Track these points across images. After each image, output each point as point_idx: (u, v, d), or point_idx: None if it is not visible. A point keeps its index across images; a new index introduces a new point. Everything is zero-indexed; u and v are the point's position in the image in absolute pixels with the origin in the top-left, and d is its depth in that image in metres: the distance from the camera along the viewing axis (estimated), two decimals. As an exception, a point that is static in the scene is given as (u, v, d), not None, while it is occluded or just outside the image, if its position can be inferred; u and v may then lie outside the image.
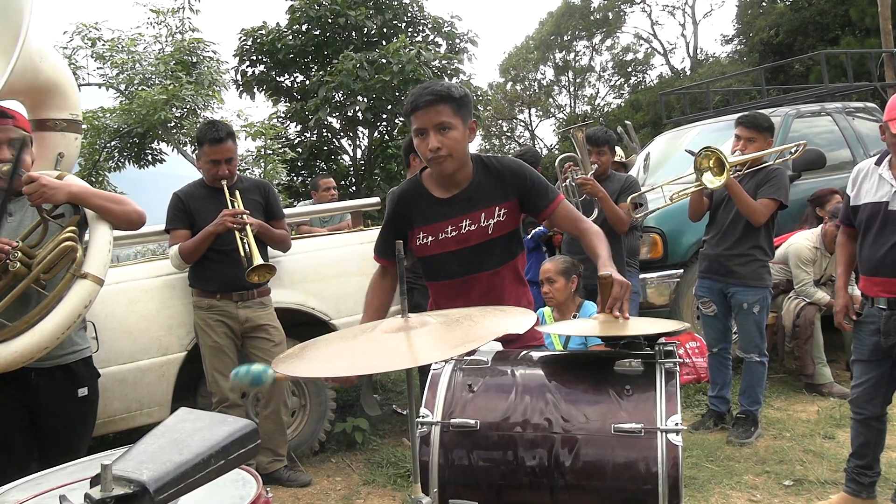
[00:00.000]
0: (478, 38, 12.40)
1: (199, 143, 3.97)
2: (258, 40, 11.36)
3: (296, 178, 11.68)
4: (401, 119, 10.97)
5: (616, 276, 2.01)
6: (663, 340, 1.94)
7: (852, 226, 3.23)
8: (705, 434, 4.32)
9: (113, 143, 10.96)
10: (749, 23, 22.81)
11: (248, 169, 10.67)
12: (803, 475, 3.67)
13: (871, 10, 15.33)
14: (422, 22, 12.13)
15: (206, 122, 5.21)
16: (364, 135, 11.76)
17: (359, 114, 10.35)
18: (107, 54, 10.79)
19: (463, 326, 1.59)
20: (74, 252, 2.53)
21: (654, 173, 6.78)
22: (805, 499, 3.44)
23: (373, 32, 11.36)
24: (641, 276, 5.18)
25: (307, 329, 4.42)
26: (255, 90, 11.86)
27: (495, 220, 2.42)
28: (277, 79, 11.94)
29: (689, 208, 4.35)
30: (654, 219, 5.37)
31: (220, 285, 3.88)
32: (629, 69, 31.97)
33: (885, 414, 3.19)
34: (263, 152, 10.44)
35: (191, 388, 4.20)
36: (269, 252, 4.06)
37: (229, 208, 3.79)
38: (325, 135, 11.74)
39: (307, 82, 11.43)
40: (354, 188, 11.51)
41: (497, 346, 2.04)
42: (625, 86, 32.08)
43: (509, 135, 33.64)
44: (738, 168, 4.13)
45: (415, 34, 11.97)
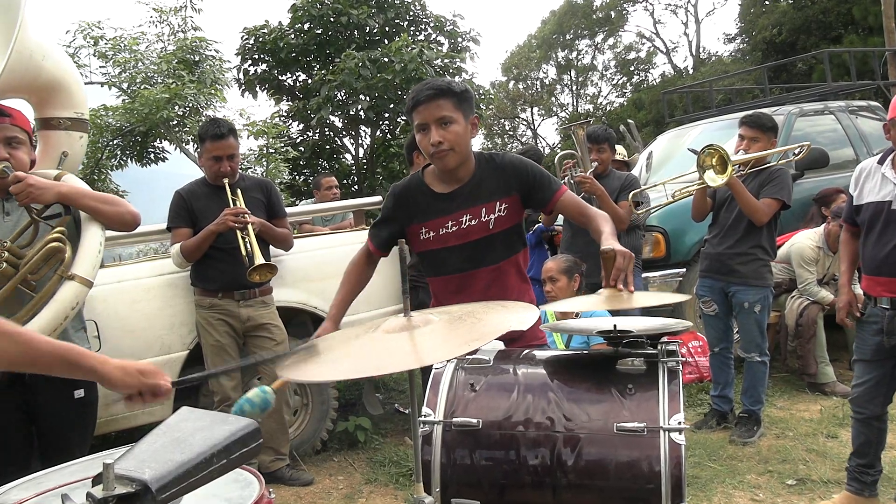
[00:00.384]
0: (480, 37, 12.39)
1: (200, 140, 3.97)
2: (260, 39, 11.36)
3: (298, 177, 11.67)
4: (403, 118, 10.96)
5: (618, 247, 2.00)
6: (665, 339, 1.94)
7: (856, 224, 3.23)
8: (708, 433, 4.32)
9: (115, 142, 10.95)
10: (752, 21, 22.77)
11: (251, 168, 10.66)
12: (806, 474, 3.66)
13: (875, 9, 15.31)
14: (424, 21, 12.12)
15: (208, 119, 5.21)
16: (366, 134, 11.75)
17: (361, 113, 10.34)
18: (109, 53, 10.79)
19: (466, 324, 1.59)
20: (62, 253, 2.49)
21: (656, 172, 6.77)
22: (808, 498, 3.43)
23: (375, 31, 11.35)
24: (644, 275, 5.17)
25: (308, 328, 4.43)
26: (258, 89, 11.85)
27: (496, 216, 2.42)
28: (280, 77, 11.93)
29: (692, 208, 4.35)
30: (656, 218, 5.36)
31: (222, 284, 3.87)
32: (631, 68, 31.96)
33: (886, 413, 3.19)
34: (265, 151, 10.43)
35: (193, 387, 4.20)
36: (272, 251, 4.06)
37: (231, 207, 3.79)
38: (328, 134, 11.74)
39: (309, 81, 11.42)
40: (356, 187, 11.51)
41: (499, 345, 2.03)
42: (627, 84, 32.07)
43: (511, 133, 33.64)
44: (741, 168, 4.13)
45: (417, 33, 11.96)
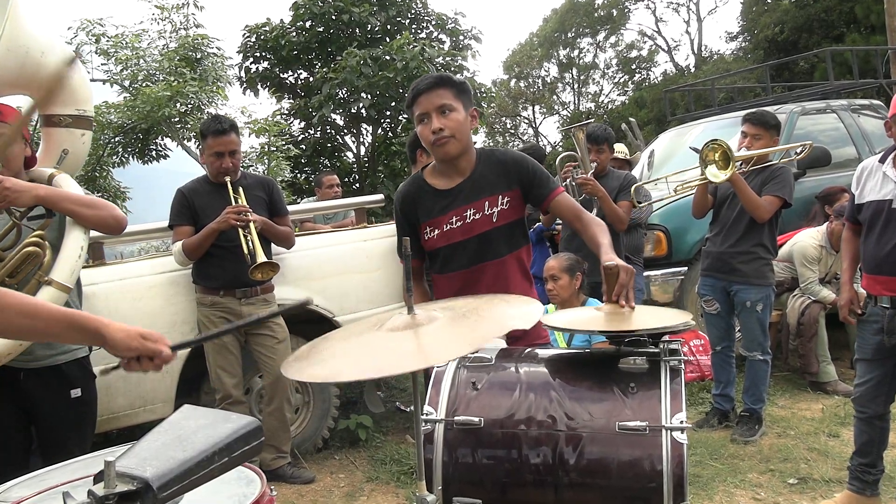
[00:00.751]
0: (482, 35, 12.38)
1: (202, 136, 3.97)
2: (262, 37, 11.35)
3: (299, 175, 11.67)
4: (404, 116, 10.95)
5: (621, 263, 2.01)
6: (667, 338, 1.93)
7: (858, 223, 3.22)
8: (709, 432, 4.31)
9: (117, 139, 10.95)
10: (754, 20, 22.76)
11: (252, 166, 10.65)
12: (808, 473, 3.66)
13: (877, 8, 15.28)
14: (426, 18, 12.11)
15: (210, 116, 5.21)
16: (368, 132, 11.74)
17: (362, 110, 10.35)
18: (111, 50, 10.80)
19: (470, 321, 1.58)
20: (39, 257, 2.47)
21: (658, 171, 6.76)
22: (809, 497, 3.43)
23: (376, 29, 11.35)
24: (645, 274, 5.17)
25: (311, 326, 4.43)
26: (259, 87, 11.85)
27: (499, 209, 2.43)
28: (281, 75, 11.92)
29: (692, 204, 4.34)
30: (658, 216, 5.36)
31: (224, 282, 3.87)
32: (633, 66, 31.94)
33: (889, 412, 3.18)
34: (267, 149, 10.43)
35: (194, 384, 4.21)
36: (273, 249, 4.06)
37: (233, 205, 3.79)
38: (329, 132, 11.73)
39: (311, 79, 11.42)
40: (358, 185, 11.50)
41: (501, 344, 2.03)
42: (629, 83, 32.05)
43: (513, 132, 33.63)
44: (743, 165, 4.12)
45: (418, 31, 11.95)
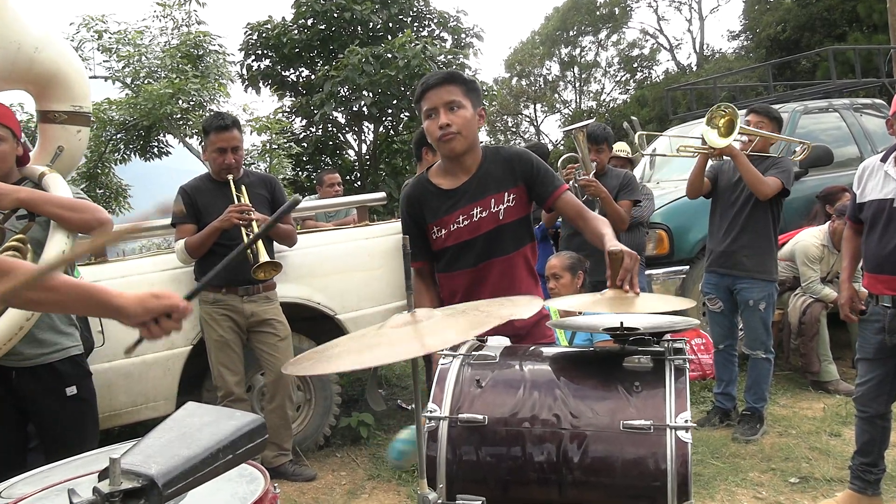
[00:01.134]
0: (483, 33, 12.41)
1: (205, 133, 3.96)
2: (264, 35, 11.37)
3: (301, 173, 11.67)
4: (406, 114, 10.96)
5: (625, 248, 2.01)
6: (670, 337, 1.93)
7: (859, 222, 3.22)
8: (711, 431, 4.31)
9: (118, 136, 10.96)
10: (756, 18, 22.74)
11: (254, 163, 10.66)
12: (809, 472, 3.66)
13: (879, 7, 15.28)
14: (427, 17, 12.12)
15: (212, 113, 5.21)
16: (369, 129, 11.76)
17: (364, 108, 10.36)
18: (113, 47, 10.80)
19: (469, 315, 1.59)
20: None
21: (659, 169, 6.76)
22: (811, 496, 3.43)
23: (378, 27, 11.35)
24: (647, 273, 5.17)
25: (313, 323, 4.43)
26: (261, 84, 11.87)
27: (505, 206, 2.42)
28: (283, 73, 11.94)
29: (688, 182, 4.31)
30: (660, 215, 5.35)
31: (226, 280, 3.87)
32: (635, 65, 31.90)
33: (890, 412, 3.18)
34: (269, 147, 10.44)
35: (196, 382, 4.21)
36: (275, 247, 4.06)
37: (235, 204, 3.79)
38: (331, 129, 11.75)
39: (312, 77, 11.44)
40: (359, 183, 11.51)
41: (505, 342, 2.03)
42: (630, 81, 32.02)
43: (514, 130, 33.61)
44: (744, 147, 4.13)
45: (420, 29, 11.96)
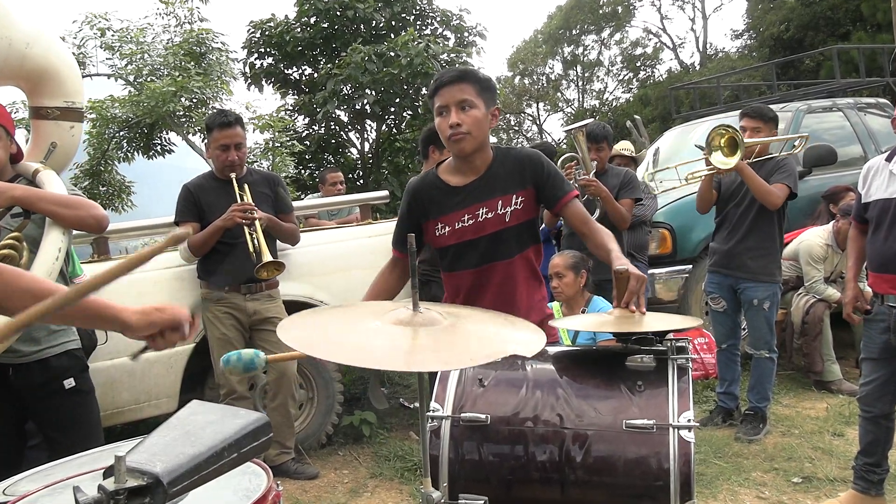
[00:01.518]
0: (486, 32, 12.38)
1: (208, 130, 3.97)
2: (266, 33, 11.36)
3: (303, 171, 11.68)
4: (409, 112, 10.96)
5: (632, 269, 2.00)
6: (673, 336, 1.93)
7: (864, 222, 3.21)
8: (713, 430, 4.31)
9: (121, 134, 10.97)
10: (759, 17, 22.69)
11: (256, 161, 10.67)
12: (812, 472, 3.65)
13: (884, 6, 15.23)
14: (430, 15, 12.11)
15: (215, 110, 5.21)
16: (372, 128, 11.75)
17: (367, 107, 10.34)
18: (116, 45, 10.80)
19: (470, 336, 1.55)
20: (14, 260, 2.43)
21: (664, 166, 6.75)
22: (814, 496, 3.43)
23: (381, 25, 11.34)
24: (650, 272, 5.16)
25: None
26: (264, 82, 11.86)
27: (512, 208, 2.41)
28: (286, 71, 11.93)
29: (697, 198, 4.33)
30: (663, 214, 5.35)
31: (229, 278, 3.87)
32: (638, 64, 31.84)
33: (894, 412, 3.17)
34: (271, 145, 10.44)
35: (198, 380, 4.21)
36: (278, 245, 4.06)
37: (238, 202, 3.79)
38: (333, 128, 11.74)
39: (315, 75, 11.43)
40: (362, 181, 11.51)
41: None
42: (633, 80, 31.96)
43: (517, 129, 33.59)
44: (746, 157, 4.12)
45: (423, 27, 11.94)
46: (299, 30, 11.28)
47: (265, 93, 12.03)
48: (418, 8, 11.93)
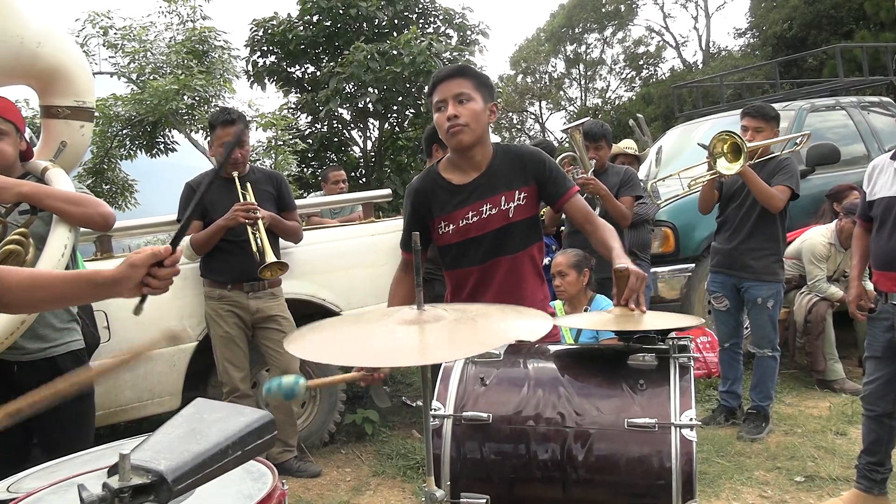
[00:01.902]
0: (489, 30, 12.38)
1: (211, 128, 3.98)
2: (269, 31, 11.36)
3: (306, 170, 11.68)
4: (412, 111, 10.96)
5: (632, 268, 2.00)
6: (675, 335, 1.93)
7: (869, 220, 3.21)
8: (716, 429, 4.31)
9: (124, 132, 10.98)
10: (762, 16, 22.65)
11: (259, 160, 10.68)
12: (815, 471, 3.65)
13: (887, 4, 15.21)
14: (433, 13, 12.10)
15: (218, 108, 5.21)
16: (374, 126, 11.75)
17: (369, 105, 10.34)
18: (118, 43, 10.82)
19: (476, 325, 1.57)
20: (21, 255, 2.43)
21: (665, 167, 6.75)
22: (816, 495, 3.42)
23: (384, 23, 11.34)
24: (652, 270, 5.16)
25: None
26: (266, 81, 11.86)
27: (516, 204, 2.41)
28: (288, 69, 11.93)
29: (699, 199, 4.33)
30: (665, 212, 5.35)
31: (232, 276, 3.88)
32: (641, 62, 31.80)
33: (898, 411, 3.18)
34: (274, 143, 10.45)
35: (201, 378, 4.22)
36: (281, 243, 4.07)
37: (241, 201, 3.79)
38: (336, 126, 11.74)
39: (318, 73, 11.43)
40: (364, 179, 11.51)
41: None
42: (636, 79, 31.93)
43: (519, 127, 33.56)
44: (748, 158, 4.11)
45: (426, 25, 11.93)
46: (302, 28, 11.28)
47: (268, 91, 12.05)
48: (421, 6, 11.92)
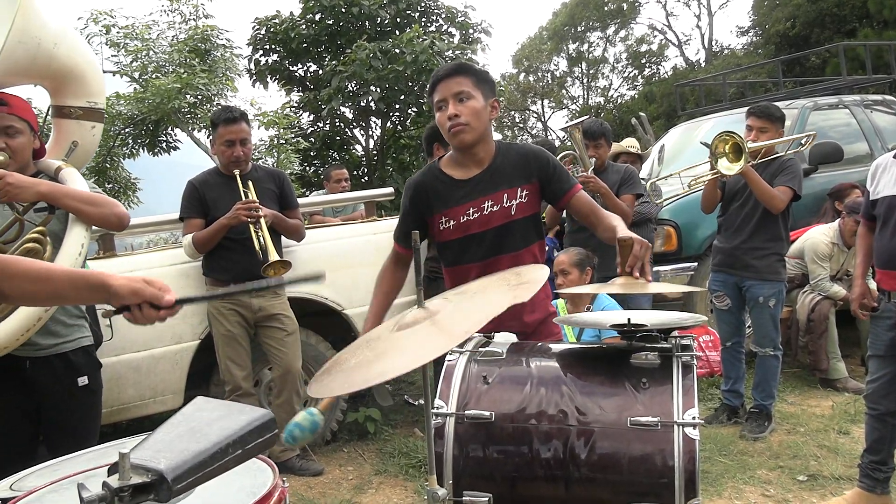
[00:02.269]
0: (491, 29, 12.35)
1: (213, 126, 3.97)
2: (271, 29, 11.35)
3: (308, 168, 11.69)
4: (414, 109, 10.95)
5: (636, 236, 2.01)
6: (678, 334, 1.93)
7: (873, 219, 3.20)
8: (718, 428, 4.30)
9: (127, 130, 10.99)
10: (765, 14, 22.59)
11: (261, 158, 10.69)
12: (817, 470, 3.64)
13: (890, 2, 15.16)
14: (435, 12, 12.09)
15: (220, 107, 5.21)
16: (377, 125, 11.75)
17: (372, 104, 10.34)
18: (121, 41, 10.83)
19: (479, 298, 1.61)
20: (39, 254, 2.45)
21: (668, 166, 6.74)
22: (819, 494, 3.42)
23: (386, 22, 11.32)
24: (655, 269, 5.15)
25: (320, 318, 4.44)
26: (269, 79, 11.85)
27: (517, 201, 2.40)
28: (290, 68, 11.93)
29: (702, 198, 4.33)
30: (668, 211, 5.34)
31: (234, 274, 3.87)
32: (643, 60, 31.74)
33: (901, 409, 3.17)
34: (276, 142, 10.45)
35: (204, 376, 4.22)
36: (283, 241, 4.07)
37: (243, 200, 3.79)
38: (338, 125, 11.73)
39: (320, 72, 11.42)
40: (367, 178, 11.51)
41: (512, 338, 2.03)
42: (638, 77, 31.87)
43: (521, 126, 33.53)
44: (751, 157, 4.10)
45: (428, 24, 11.92)
46: (304, 26, 11.27)
47: (270, 89, 12.03)
48: (423, 4, 11.91)
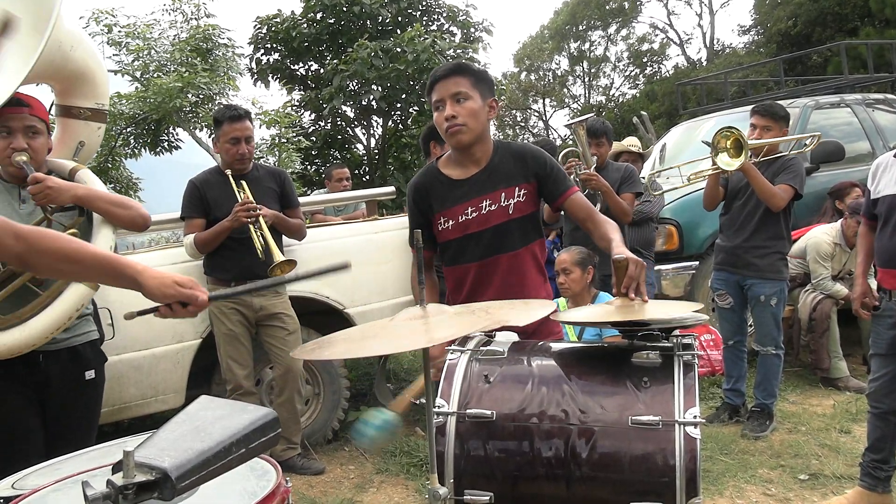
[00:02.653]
0: (493, 28, 12.36)
1: (217, 124, 3.97)
2: (273, 28, 11.36)
3: (309, 167, 11.69)
4: (415, 108, 10.95)
5: (631, 256, 2.00)
6: (679, 333, 1.93)
7: (874, 218, 3.20)
8: (720, 427, 4.31)
9: (128, 130, 11.00)
10: (767, 13, 22.57)
11: (263, 157, 10.70)
12: (819, 469, 3.65)
13: (892, 1, 15.15)
14: (437, 10, 12.10)
15: (222, 105, 5.21)
16: (378, 124, 11.75)
17: (373, 103, 10.34)
18: (122, 41, 10.84)
19: (479, 316, 1.60)
20: None
21: (669, 164, 6.74)
22: (820, 493, 3.42)
23: (387, 21, 11.33)
24: (657, 268, 5.16)
25: (321, 318, 4.44)
26: (270, 78, 11.86)
27: (515, 201, 2.41)
28: (292, 67, 11.94)
29: (704, 196, 4.33)
30: (670, 210, 5.34)
31: (236, 274, 3.87)
32: (644, 59, 31.73)
33: (903, 408, 3.17)
34: (278, 140, 10.46)
35: (205, 375, 4.23)
36: (284, 241, 4.07)
37: (240, 201, 3.79)
38: (340, 123, 11.74)
39: (321, 71, 11.43)
40: (368, 177, 11.52)
41: (513, 337, 2.03)
42: (640, 76, 31.87)
43: (523, 125, 33.53)
44: (753, 155, 4.10)
45: (430, 23, 11.93)
46: (305, 25, 11.28)
47: (271, 89, 12.03)
48: (425, 3, 11.91)
